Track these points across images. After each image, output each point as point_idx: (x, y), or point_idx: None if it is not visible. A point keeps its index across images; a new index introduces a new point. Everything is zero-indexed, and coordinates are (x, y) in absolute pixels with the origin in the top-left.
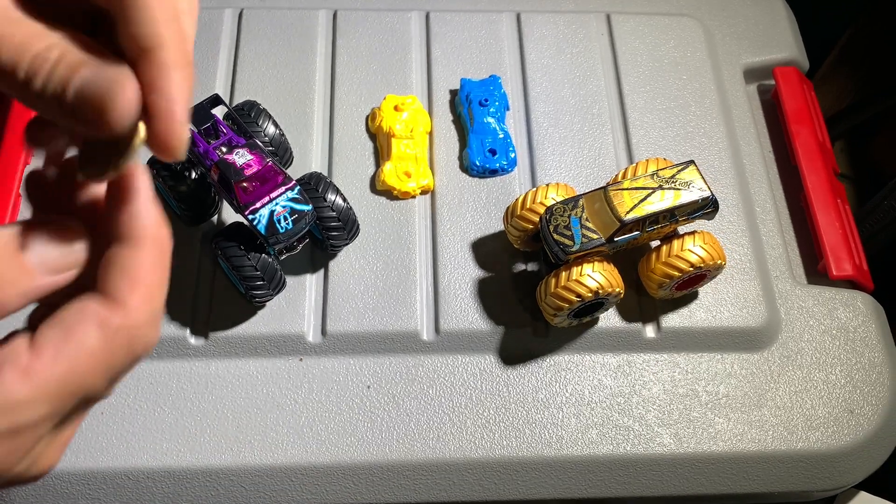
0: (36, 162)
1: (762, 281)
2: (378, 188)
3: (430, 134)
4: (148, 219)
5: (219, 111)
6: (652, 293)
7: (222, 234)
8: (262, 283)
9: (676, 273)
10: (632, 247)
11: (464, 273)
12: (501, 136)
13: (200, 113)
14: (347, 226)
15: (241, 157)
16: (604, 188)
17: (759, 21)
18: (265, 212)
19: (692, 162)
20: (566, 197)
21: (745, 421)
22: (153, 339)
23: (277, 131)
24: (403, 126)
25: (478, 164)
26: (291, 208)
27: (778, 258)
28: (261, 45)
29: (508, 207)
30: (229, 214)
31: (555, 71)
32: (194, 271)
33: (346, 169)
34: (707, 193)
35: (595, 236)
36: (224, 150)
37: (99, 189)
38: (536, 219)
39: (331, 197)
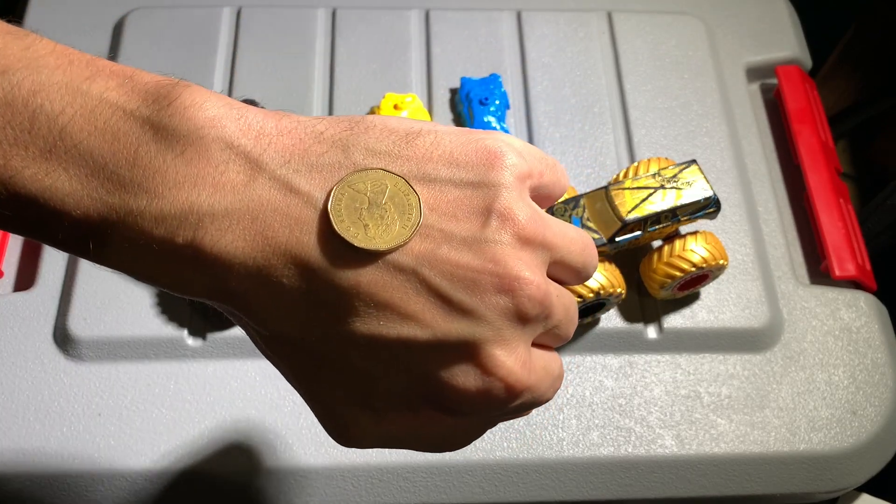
0: None
1: (764, 281)
2: None
3: None
4: None
5: None
6: (654, 293)
7: None
8: None
9: (678, 273)
10: (633, 247)
11: None
12: None
13: None
14: None
15: None
16: (605, 188)
17: (762, 19)
18: None
19: (694, 161)
20: (567, 197)
21: (748, 422)
22: None
23: None
24: None
25: None
26: None
27: (780, 258)
28: (259, 43)
29: None
30: None
31: (555, 69)
32: None
33: None
34: (709, 193)
35: (596, 236)
36: None
37: None
38: None
39: None
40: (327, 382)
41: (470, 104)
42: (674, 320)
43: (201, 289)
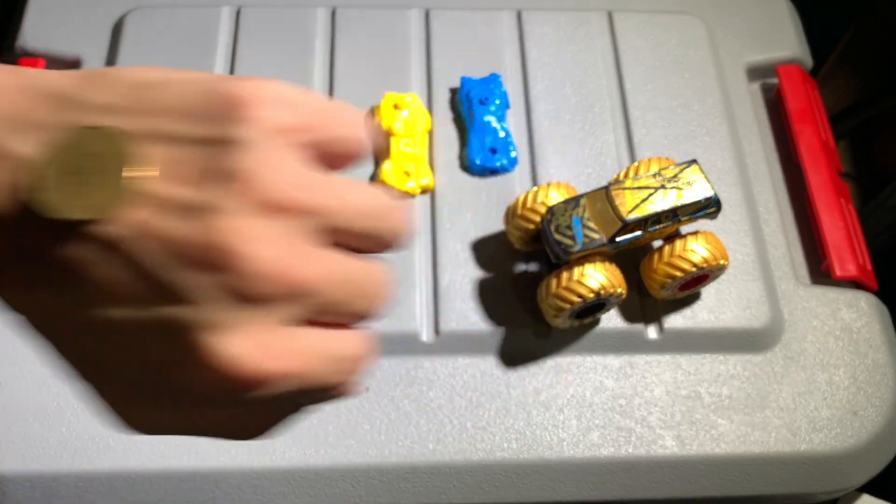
0: None
1: (765, 281)
2: None
3: (430, 133)
4: None
5: None
6: (654, 293)
7: None
8: None
9: (679, 273)
10: (634, 247)
11: (464, 273)
12: (502, 134)
13: None
14: None
15: None
16: (605, 188)
17: (762, 19)
18: None
19: (695, 161)
20: (567, 197)
21: (748, 423)
22: None
23: None
24: (403, 125)
25: (478, 162)
26: None
27: (781, 258)
28: (259, 43)
29: (509, 207)
30: None
31: (556, 69)
32: None
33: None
34: (710, 193)
35: (597, 236)
36: None
37: None
38: (538, 219)
39: None
40: (77, 368)
41: (470, 104)
42: (674, 320)
43: None
